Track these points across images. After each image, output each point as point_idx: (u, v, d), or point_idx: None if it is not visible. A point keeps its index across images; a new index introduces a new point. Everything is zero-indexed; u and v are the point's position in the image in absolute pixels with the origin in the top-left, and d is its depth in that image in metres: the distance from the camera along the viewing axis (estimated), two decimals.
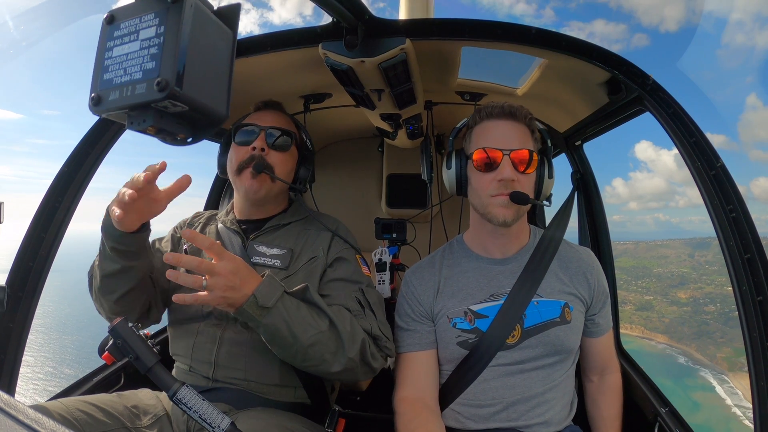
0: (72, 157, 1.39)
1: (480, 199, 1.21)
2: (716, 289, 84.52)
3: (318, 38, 1.27)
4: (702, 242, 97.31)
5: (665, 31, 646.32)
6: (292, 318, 1.04)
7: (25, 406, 0.49)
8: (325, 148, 2.82)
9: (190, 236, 0.98)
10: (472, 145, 1.23)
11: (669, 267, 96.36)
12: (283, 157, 1.36)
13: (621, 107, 1.45)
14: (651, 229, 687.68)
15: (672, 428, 1.29)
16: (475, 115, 1.26)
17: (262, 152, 1.32)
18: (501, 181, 1.16)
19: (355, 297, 1.25)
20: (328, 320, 1.10)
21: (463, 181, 1.25)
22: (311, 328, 1.07)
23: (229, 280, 0.97)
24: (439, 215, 2.32)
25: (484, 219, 1.23)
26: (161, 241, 1.47)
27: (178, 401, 0.93)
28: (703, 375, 62.73)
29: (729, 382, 58.91)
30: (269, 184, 1.33)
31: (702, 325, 77.41)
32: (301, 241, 1.35)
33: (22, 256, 1.31)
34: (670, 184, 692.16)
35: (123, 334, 0.97)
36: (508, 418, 1.18)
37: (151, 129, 0.64)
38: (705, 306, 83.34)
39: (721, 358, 66.36)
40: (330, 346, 1.09)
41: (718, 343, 71.04)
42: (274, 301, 1.02)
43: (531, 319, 1.20)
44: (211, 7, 0.66)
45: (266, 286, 1.02)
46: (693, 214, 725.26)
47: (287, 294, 1.06)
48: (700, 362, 66.64)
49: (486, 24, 1.28)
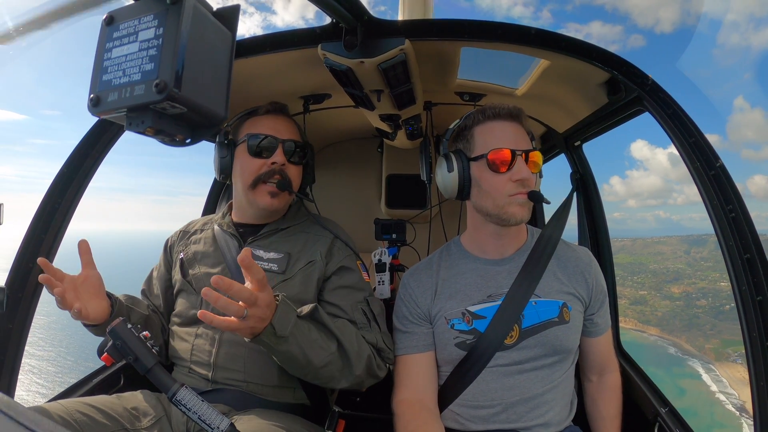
0: (71, 157, 1.39)
1: (494, 200, 1.19)
2: (709, 284, 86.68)
3: (317, 39, 1.27)
4: (698, 239, 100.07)
5: (660, 32, 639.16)
6: (305, 343, 1.06)
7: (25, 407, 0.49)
8: (325, 149, 2.82)
9: (247, 264, 0.93)
10: (479, 145, 1.21)
11: (665, 263, 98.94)
12: (299, 170, 1.38)
13: (620, 107, 1.45)
14: (652, 226, 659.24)
15: (672, 428, 1.29)
16: (476, 115, 1.25)
17: (282, 167, 1.32)
18: (518, 181, 1.16)
19: (361, 309, 1.26)
20: (337, 341, 1.12)
21: (466, 183, 1.23)
22: (323, 351, 1.09)
23: (264, 313, 0.96)
24: (438, 216, 2.32)
25: (495, 220, 1.21)
26: (155, 271, 1.49)
27: (177, 402, 0.93)
28: (690, 364, 65.89)
29: (715, 370, 62.24)
30: (287, 199, 1.36)
31: (693, 318, 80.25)
32: (298, 245, 1.35)
33: (22, 257, 1.31)
34: (666, 182, 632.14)
35: (122, 335, 0.97)
36: (508, 419, 1.18)
37: (149, 130, 0.64)
38: (697, 300, 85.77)
39: (709, 349, 69.46)
40: (339, 365, 1.12)
41: (707, 335, 73.73)
42: (289, 330, 1.02)
43: (529, 320, 1.19)
44: (210, 8, 0.66)
45: (282, 314, 1.01)
46: (693, 211, 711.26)
47: (299, 318, 1.07)
48: (689, 353, 69.78)
49: (485, 24, 1.28)
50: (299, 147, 1.38)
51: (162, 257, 1.49)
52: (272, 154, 1.32)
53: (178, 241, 1.48)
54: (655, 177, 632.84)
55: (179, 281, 1.37)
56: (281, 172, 1.31)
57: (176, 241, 1.49)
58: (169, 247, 1.49)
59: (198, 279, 1.33)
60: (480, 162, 1.20)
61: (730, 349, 67.34)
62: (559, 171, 2.17)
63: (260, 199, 1.32)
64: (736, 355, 63.97)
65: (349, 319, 1.24)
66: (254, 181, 1.31)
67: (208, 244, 1.41)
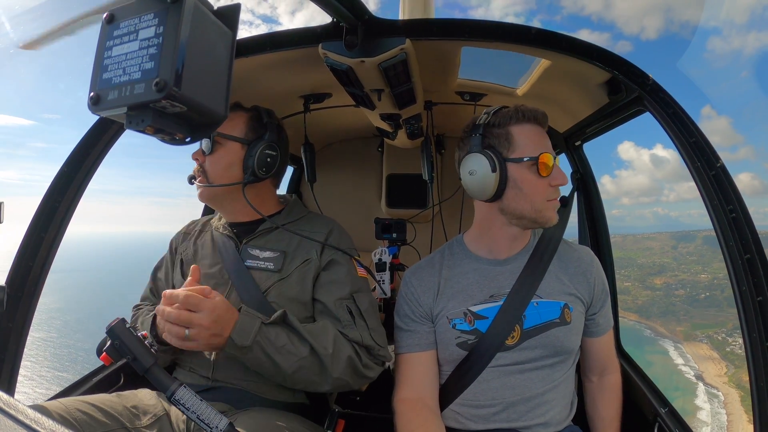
0: (71, 157, 1.39)
1: (533, 203, 1.17)
2: (690, 276, 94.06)
3: (318, 38, 1.27)
4: (687, 235, 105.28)
5: (646, 39, 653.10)
6: (272, 350, 1.10)
7: (25, 406, 0.49)
8: (325, 148, 2.82)
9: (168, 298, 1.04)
10: (521, 146, 1.17)
11: (652, 258, 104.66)
12: (213, 158, 1.33)
13: (621, 107, 1.45)
14: (650, 222, 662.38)
15: (672, 428, 1.29)
16: (514, 114, 1.19)
17: (197, 161, 1.35)
18: (555, 186, 1.19)
19: (345, 306, 1.25)
20: (309, 346, 1.13)
21: (504, 183, 1.18)
22: (292, 356, 1.11)
23: (211, 329, 1.02)
24: (438, 215, 2.32)
25: (527, 223, 1.21)
26: (159, 270, 1.50)
27: (176, 402, 0.93)
28: (661, 343, 74.88)
29: (682, 348, 72.21)
30: (207, 190, 1.35)
31: (669, 306, 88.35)
32: (294, 243, 1.34)
33: (22, 256, 1.31)
34: (653, 180, 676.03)
35: (120, 335, 0.96)
36: (508, 418, 1.18)
37: (149, 129, 0.64)
38: (676, 290, 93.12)
39: (680, 331, 78.59)
40: (314, 369, 1.14)
41: (680, 320, 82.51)
42: (251, 339, 1.07)
43: (530, 320, 1.19)
44: (210, 7, 0.66)
45: (242, 325, 1.07)
46: (687, 208, 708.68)
47: (266, 325, 1.10)
48: (662, 334, 78.78)
49: (486, 24, 1.28)
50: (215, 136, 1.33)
51: (168, 257, 1.49)
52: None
53: (180, 242, 1.50)
54: (643, 176, 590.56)
55: (179, 282, 1.38)
56: (199, 166, 1.36)
57: (179, 242, 1.50)
58: (174, 248, 1.50)
59: None
60: (523, 164, 1.16)
61: (698, 331, 77.36)
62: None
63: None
64: (703, 336, 75.38)
65: (333, 317, 1.24)
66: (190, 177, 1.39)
67: (206, 245, 1.42)
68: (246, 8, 8.78)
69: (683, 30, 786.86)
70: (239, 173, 1.33)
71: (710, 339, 75.63)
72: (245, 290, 1.26)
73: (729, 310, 74.08)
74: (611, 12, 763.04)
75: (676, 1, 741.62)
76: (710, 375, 65.38)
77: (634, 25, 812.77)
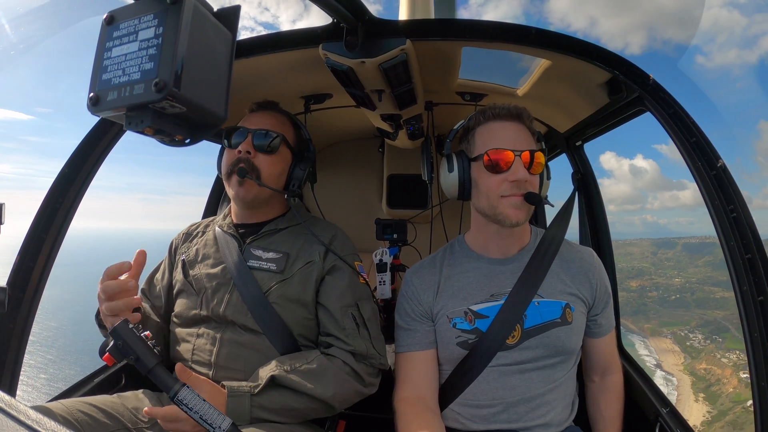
0: (73, 157, 1.39)
1: (489, 200, 1.19)
2: (664, 280, 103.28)
3: (318, 39, 1.27)
4: (667, 241, 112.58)
5: (630, 54, 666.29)
6: (272, 414, 1.12)
7: (27, 407, 0.49)
8: (326, 149, 2.82)
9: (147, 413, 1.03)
10: (478, 146, 1.21)
11: (632, 262, 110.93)
12: (271, 159, 1.33)
13: (621, 107, 1.45)
14: (639, 229, 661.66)
15: (673, 428, 1.28)
16: (477, 116, 1.25)
17: (248, 155, 1.30)
18: (514, 182, 1.15)
19: (350, 313, 1.27)
20: (307, 396, 1.14)
21: (467, 184, 1.23)
22: (293, 411, 1.15)
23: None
24: (439, 216, 2.32)
25: (492, 221, 1.21)
26: (157, 272, 1.50)
27: (178, 402, 0.93)
28: (629, 338, 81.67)
29: (647, 342, 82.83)
30: (256, 189, 1.31)
31: (641, 306, 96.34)
32: (297, 245, 1.34)
33: (23, 257, 1.31)
34: (634, 188, 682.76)
35: (124, 335, 0.96)
36: (509, 419, 1.17)
37: (148, 130, 0.64)
38: (649, 292, 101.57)
39: (648, 328, 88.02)
40: (321, 410, 1.18)
41: (649, 318, 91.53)
42: (248, 415, 1.09)
43: (531, 320, 1.19)
44: (210, 8, 0.66)
45: (234, 408, 1.08)
46: (676, 215, 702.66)
47: (256, 395, 1.11)
48: (631, 330, 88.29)
49: (486, 24, 1.28)
50: (271, 135, 1.33)
51: (167, 259, 1.49)
52: (240, 144, 1.32)
53: (181, 243, 1.49)
54: (624, 185, 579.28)
55: (180, 281, 1.38)
56: (246, 160, 1.30)
57: (180, 243, 1.50)
58: (173, 249, 1.49)
59: (198, 279, 1.34)
60: (478, 162, 1.20)
61: (665, 328, 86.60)
62: (560, 171, 2.19)
63: (232, 189, 1.33)
64: (668, 333, 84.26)
65: (337, 323, 1.25)
66: (227, 172, 1.32)
67: (209, 245, 1.42)
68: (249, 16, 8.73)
69: (665, 47, 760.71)
70: (284, 180, 1.39)
71: (674, 335, 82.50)
72: (247, 290, 1.26)
73: (695, 310, 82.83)
74: (596, 29, 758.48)
75: (659, 20, 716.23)
76: (668, 364, 74.45)
77: (619, 42, 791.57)
